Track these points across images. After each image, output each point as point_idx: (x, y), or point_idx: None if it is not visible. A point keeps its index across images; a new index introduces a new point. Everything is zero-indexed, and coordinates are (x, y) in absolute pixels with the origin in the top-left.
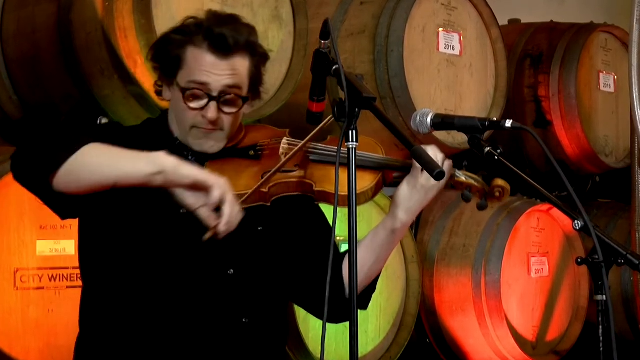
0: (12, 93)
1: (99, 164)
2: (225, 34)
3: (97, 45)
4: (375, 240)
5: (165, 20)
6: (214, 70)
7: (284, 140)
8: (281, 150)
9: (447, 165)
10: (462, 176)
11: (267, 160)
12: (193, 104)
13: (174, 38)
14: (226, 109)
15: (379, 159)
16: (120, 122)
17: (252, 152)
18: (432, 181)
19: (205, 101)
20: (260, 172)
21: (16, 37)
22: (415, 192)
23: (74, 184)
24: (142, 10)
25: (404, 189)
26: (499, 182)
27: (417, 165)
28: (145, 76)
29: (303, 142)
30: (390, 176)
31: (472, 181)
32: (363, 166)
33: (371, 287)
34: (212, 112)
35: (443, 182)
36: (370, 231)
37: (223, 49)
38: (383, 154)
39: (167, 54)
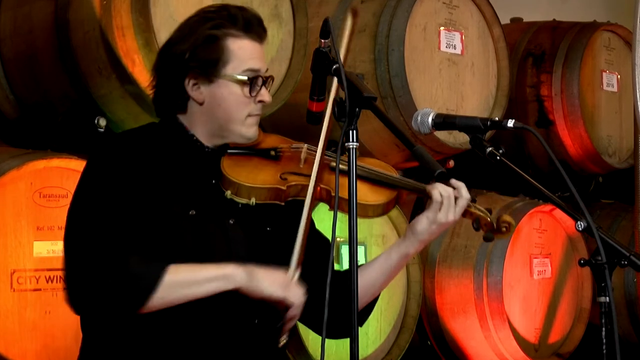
0: (9, 92)
1: (180, 294)
2: (256, 21)
3: (94, 44)
4: (388, 262)
5: (163, 18)
6: (258, 56)
7: (306, 146)
8: (302, 156)
9: (465, 198)
10: (472, 207)
11: (286, 161)
12: (254, 92)
13: (214, 34)
14: (269, 90)
15: (396, 179)
16: (118, 123)
17: (273, 153)
18: (450, 218)
19: (259, 87)
20: (279, 171)
21: (13, 36)
22: (434, 226)
23: (150, 309)
24: (140, 9)
25: (423, 223)
26: (507, 218)
27: (437, 200)
28: (143, 75)
29: (322, 147)
30: (403, 197)
31: (482, 214)
32: (381, 182)
33: (371, 306)
34: (268, 95)
35: (459, 215)
36: (383, 253)
37: (259, 35)
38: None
39: (210, 50)
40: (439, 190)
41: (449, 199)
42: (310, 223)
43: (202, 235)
